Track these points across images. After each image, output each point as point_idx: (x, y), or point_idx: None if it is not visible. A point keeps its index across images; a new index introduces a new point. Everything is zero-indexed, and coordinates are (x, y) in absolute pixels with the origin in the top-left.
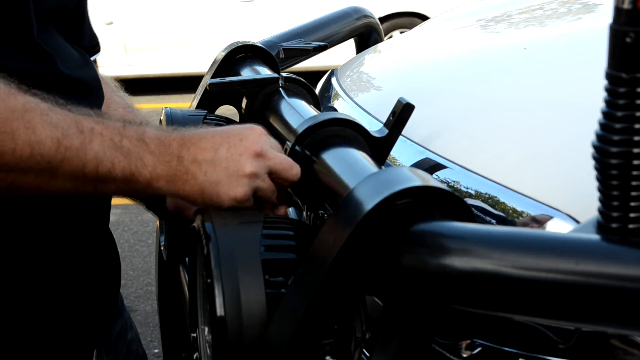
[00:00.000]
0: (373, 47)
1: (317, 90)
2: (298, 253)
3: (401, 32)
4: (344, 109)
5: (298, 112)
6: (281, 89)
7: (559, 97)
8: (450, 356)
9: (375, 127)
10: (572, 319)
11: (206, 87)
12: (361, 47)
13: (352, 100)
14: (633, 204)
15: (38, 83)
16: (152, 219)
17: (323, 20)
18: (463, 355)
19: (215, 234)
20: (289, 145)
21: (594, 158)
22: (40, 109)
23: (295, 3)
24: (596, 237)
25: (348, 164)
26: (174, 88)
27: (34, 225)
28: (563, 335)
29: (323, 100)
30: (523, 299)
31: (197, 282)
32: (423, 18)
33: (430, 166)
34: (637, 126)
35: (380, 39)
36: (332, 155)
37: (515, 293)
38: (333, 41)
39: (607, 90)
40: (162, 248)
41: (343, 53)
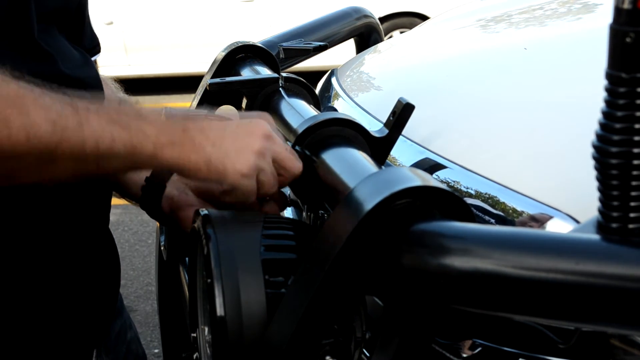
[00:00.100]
0: (373, 47)
1: (317, 90)
2: (298, 253)
3: (401, 32)
4: (344, 109)
5: (298, 112)
6: (281, 89)
7: (559, 97)
8: (450, 356)
9: (375, 127)
10: (572, 319)
11: (206, 87)
12: (361, 47)
13: (352, 100)
14: (633, 204)
15: None
16: (152, 219)
17: (323, 20)
18: (463, 355)
19: (215, 234)
20: (289, 145)
21: (594, 158)
22: (33, 94)
23: (295, 3)
24: (596, 237)
25: (348, 164)
26: (174, 88)
27: (34, 225)
28: (563, 335)
29: (323, 100)
30: (523, 299)
31: (197, 282)
32: (423, 18)
33: (430, 166)
34: (637, 126)
35: (380, 39)
36: (332, 155)
37: (515, 293)
38: (333, 41)
39: (607, 90)
40: (162, 248)
41: (343, 53)
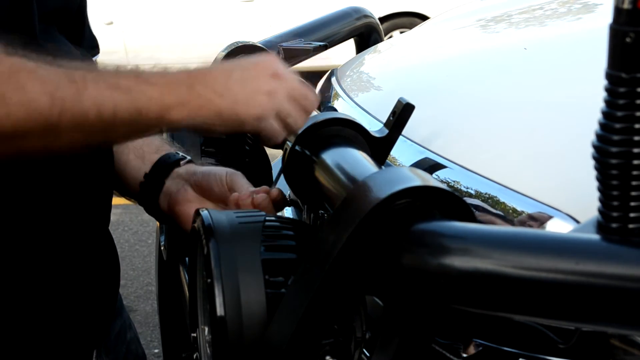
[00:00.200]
0: (373, 47)
1: (317, 90)
2: (298, 253)
3: (401, 32)
4: (344, 109)
5: None
6: None
7: (559, 97)
8: (450, 356)
9: (375, 127)
10: (572, 319)
11: None
12: (361, 47)
13: (352, 100)
14: (633, 204)
15: None
16: (152, 219)
17: (323, 20)
18: (463, 355)
19: (215, 234)
20: (289, 145)
21: (594, 158)
22: (27, 68)
23: (295, 3)
24: (596, 237)
25: (348, 164)
26: None
27: (35, 226)
28: (563, 335)
29: (323, 100)
30: (523, 299)
31: (197, 282)
32: (423, 18)
33: (430, 166)
34: (637, 126)
35: (380, 39)
36: (332, 155)
37: (515, 293)
38: (333, 41)
39: (607, 90)
40: (162, 248)
41: (343, 53)
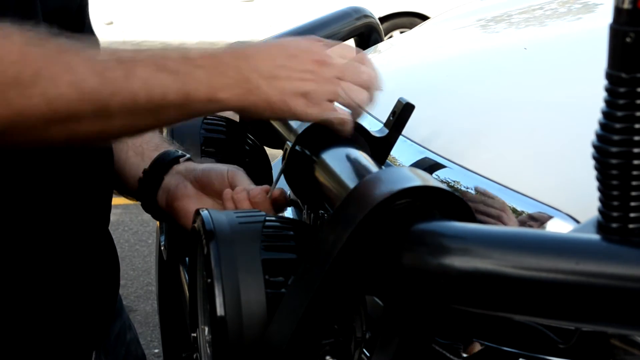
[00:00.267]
0: (373, 47)
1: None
2: (298, 253)
3: (401, 32)
4: (344, 109)
5: None
6: None
7: (559, 97)
8: (450, 356)
9: (375, 127)
10: (572, 319)
11: None
12: (361, 47)
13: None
14: (633, 204)
15: None
16: (152, 219)
17: (323, 20)
18: (463, 355)
19: (215, 234)
20: (289, 145)
21: (594, 158)
22: (75, 48)
23: (295, 3)
24: (596, 237)
25: (348, 164)
26: None
27: (34, 226)
28: (563, 335)
29: None
30: (523, 299)
31: (197, 282)
32: (423, 18)
33: (430, 166)
34: (637, 126)
35: (380, 39)
36: (332, 155)
37: (515, 293)
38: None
39: (607, 90)
40: (162, 248)
41: None
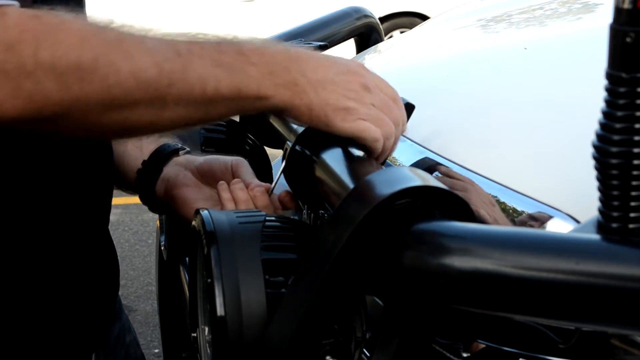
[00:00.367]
0: (373, 47)
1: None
2: (298, 253)
3: (401, 32)
4: None
5: None
6: None
7: (559, 97)
8: (450, 356)
9: None
10: (573, 319)
11: None
12: (361, 47)
13: None
14: (633, 204)
15: None
16: (152, 219)
17: (323, 20)
18: (463, 355)
19: (215, 234)
20: (289, 145)
21: (594, 158)
22: (133, 37)
23: (295, 3)
24: (596, 237)
25: (348, 164)
26: None
27: (33, 226)
28: (563, 335)
29: None
30: (523, 299)
31: (197, 282)
32: (423, 18)
33: (430, 166)
34: (638, 126)
35: (380, 39)
36: (332, 155)
37: (515, 293)
38: (333, 41)
39: (607, 90)
40: (162, 248)
41: (343, 53)
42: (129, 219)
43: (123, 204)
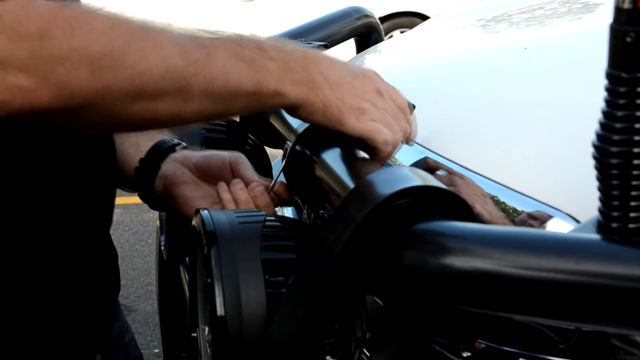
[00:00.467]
0: (373, 47)
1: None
2: (298, 253)
3: (401, 32)
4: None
5: None
6: None
7: (559, 97)
8: (450, 356)
9: None
10: (573, 319)
11: None
12: (361, 47)
13: None
14: (633, 204)
15: None
16: (152, 219)
17: (323, 20)
18: (463, 355)
19: (215, 234)
20: (289, 144)
21: (594, 158)
22: (158, 27)
23: (295, 3)
24: (596, 237)
25: (348, 164)
26: None
27: (37, 227)
28: (563, 335)
29: None
30: (523, 299)
31: (197, 282)
32: (423, 18)
33: (430, 166)
34: (638, 126)
35: (380, 39)
36: (332, 154)
37: (515, 293)
38: (333, 41)
39: (608, 89)
40: (162, 248)
41: (343, 53)
42: (129, 219)
43: (123, 204)
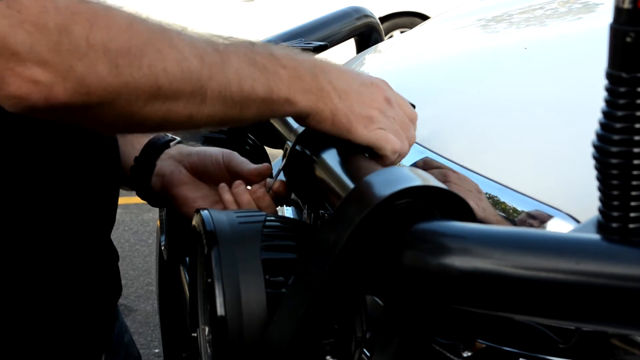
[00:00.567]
0: (373, 47)
1: None
2: (298, 253)
3: (401, 32)
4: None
5: None
6: None
7: (560, 97)
8: (450, 356)
9: None
10: (573, 319)
11: None
12: (361, 47)
13: None
14: (633, 204)
15: None
16: (152, 219)
17: (323, 20)
18: (463, 355)
19: (215, 234)
20: (289, 144)
21: (594, 158)
22: (174, 29)
23: (295, 3)
24: (596, 237)
25: (348, 164)
26: None
27: (41, 233)
28: (563, 335)
29: None
30: (523, 299)
31: (198, 282)
32: (423, 18)
33: (430, 166)
34: (638, 126)
35: (380, 39)
36: (332, 154)
37: (515, 293)
38: (333, 41)
39: (608, 89)
40: (163, 248)
41: (343, 53)
42: (129, 219)
43: (123, 204)
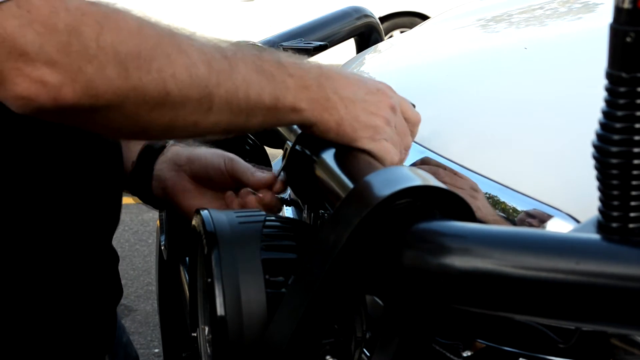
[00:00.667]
0: (373, 47)
1: None
2: (298, 253)
3: (401, 32)
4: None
5: None
6: None
7: (560, 97)
8: (450, 356)
9: None
10: (573, 319)
11: None
12: (361, 47)
13: None
14: (633, 204)
15: None
16: (153, 219)
17: (323, 19)
18: (463, 355)
19: (215, 234)
20: (290, 144)
21: (594, 157)
22: (183, 34)
23: (295, 3)
24: (596, 237)
25: (348, 164)
26: None
27: (44, 235)
28: (563, 335)
29: None
30: (523, 299)
31: (198, 282)
32: (423, 18)
33: (430, 166)
34: (638, 126)
35: (380, 39)
36: (332, 154)
37: (515, 293)
38: (333, 41)
39: (608, 89)
40: (163, 247)
41: (343, 53)
42: (129, 219)
43: (123, 204)
